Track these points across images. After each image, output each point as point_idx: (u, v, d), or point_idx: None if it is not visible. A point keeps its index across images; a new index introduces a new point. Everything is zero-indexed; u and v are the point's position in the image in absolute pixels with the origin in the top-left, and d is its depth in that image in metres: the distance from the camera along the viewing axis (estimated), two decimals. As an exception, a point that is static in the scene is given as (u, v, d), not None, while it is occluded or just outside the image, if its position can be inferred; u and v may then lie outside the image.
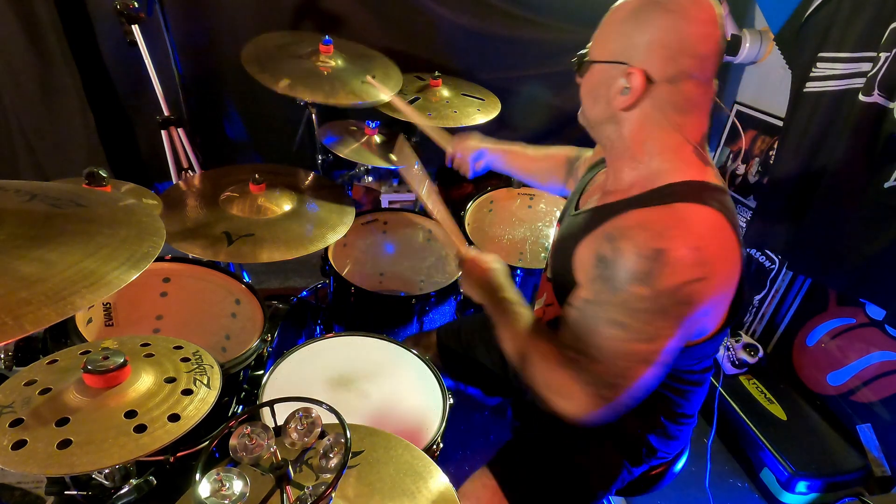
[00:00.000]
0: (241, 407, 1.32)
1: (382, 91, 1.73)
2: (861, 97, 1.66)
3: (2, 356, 1.15)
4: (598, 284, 0.88)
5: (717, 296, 0.86)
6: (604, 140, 1.03)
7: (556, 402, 0.91)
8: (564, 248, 1.02)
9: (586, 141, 1.15)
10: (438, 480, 0.86)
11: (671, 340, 0.84)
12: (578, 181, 1.26)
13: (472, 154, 1.52)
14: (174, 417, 0.84)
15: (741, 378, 2.17)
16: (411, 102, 1.93)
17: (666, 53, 0.87)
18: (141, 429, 0.81)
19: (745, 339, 2.27)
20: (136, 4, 1.70)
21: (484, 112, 2.01)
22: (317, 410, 0.78)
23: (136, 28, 1.74)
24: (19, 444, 0.77)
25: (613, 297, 0.85)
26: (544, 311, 1.20)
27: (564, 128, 2.55)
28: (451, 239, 1.28)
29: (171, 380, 0.91)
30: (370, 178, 2.22)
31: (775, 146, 2.19)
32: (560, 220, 1.20)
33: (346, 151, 1.92)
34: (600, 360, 0.86)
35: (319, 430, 0.77)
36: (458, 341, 1.49)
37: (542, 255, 2.02)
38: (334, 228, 1.54)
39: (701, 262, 0.81)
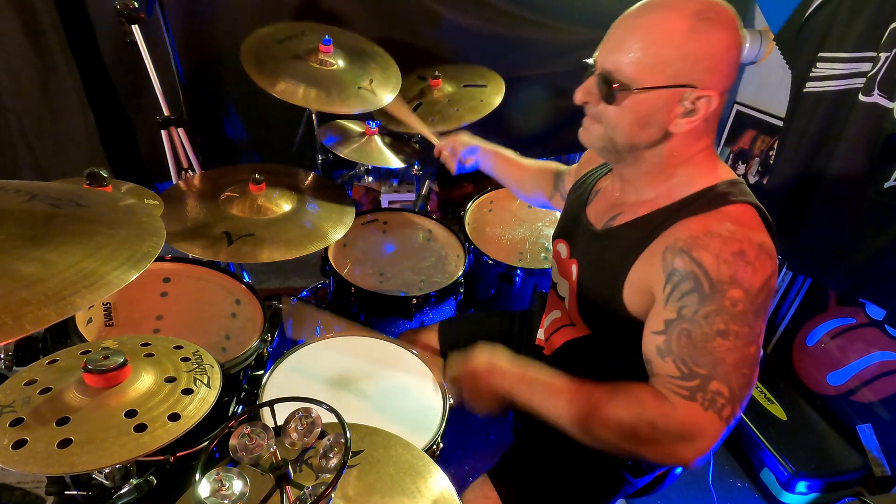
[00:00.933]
0: (241, 407, 1.32)
1: (380, 98, 1.72)
2: (861, 97, 1.66)
3: (2, 356, 1.15)
4: (683, 300, 0.84)
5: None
6: (628, 158, 0.97)
7: (679, 451, 0.85)
8: (603, 268, 0.99)
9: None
10: (438, 480, 0.86)
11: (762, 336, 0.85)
12: (572, 193, 1.24)
13: (464, 149, 1.51)
14: (174, 417, 0.84)
15: (741, 378, 2.17)
16: (414, 111, 1.93)
17: (727, 71, 0.87)
18: (141, 428, 0.81)
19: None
20: (136, 4, 1.70)
21: (487, 101, 2.01)
22: (317, 410, 0.78)
23: (135, 28, 1.74)
24: (20, 444, 0.77)
25: (711, 307, 0.81)
26: (558, 330, 1.17)
27: (564, 128, 2.55)
28: (433, 369, 1.14)
29: (171, 379, 0.91)
30: (370, 178, 2.22)
31: (775, 146, 2.19)
32: (565, 236, 1.16)
33: (346, 151, 1.92)
34: (724, 376, 0.81)
35: (319, 430, 0.77)
36: (460, 343, 1.48)
37: (542, 255, 2.02)
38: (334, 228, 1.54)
39: (770, 255, 0.83)
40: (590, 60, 0.93)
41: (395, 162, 1.98)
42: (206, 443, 0.91)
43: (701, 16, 0.84)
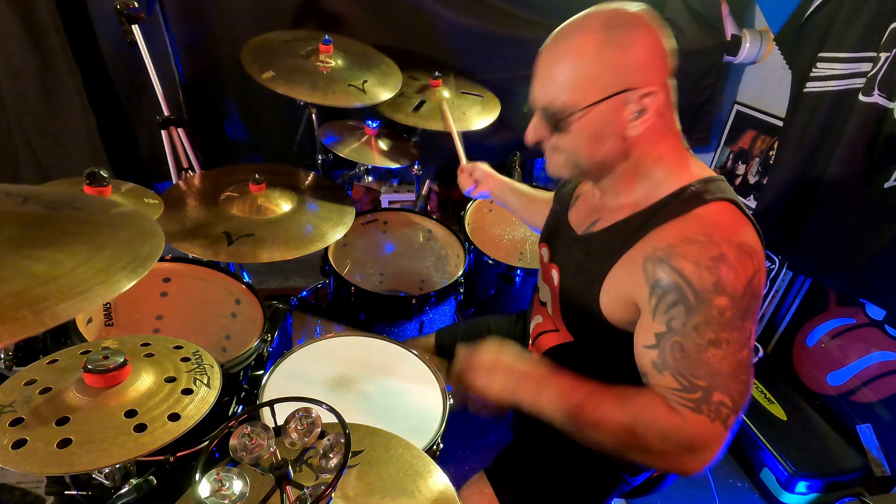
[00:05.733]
0: (241, 407, 1.32)
1: (370, 97, 1.74)
2: (861, 97, 1.66)
3: (2, 356, 1.15)
4: (670, 312, 0.84)
5: (765, 283, 0.86)
6: (604, 172, 0.98)
7: (686, 461, 0.84)
8: (583, 274, 0.99)
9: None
10: (438, 480, 0.86)
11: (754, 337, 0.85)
12: (556, 197, 1.23)
13: (482, 176, 1.54)
14: (174, 417, 0.84)
15: (741, 378, 2.17)
16: (416, 109, 1.93)
17: (659, 62, 0.89)
18: (141, 428, 0.81)
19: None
20: (136, 4, 1.70)
21: (486, 111, 2.01)
22: (317, 410, 0.78)
23: (136, 28, 1.74)
24: (19, 444, 0.77)
25: (698, 318, 0.81)
26: (541, 335, 1.17)
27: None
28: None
29: (171, 379, 0.91)
30: (370, 178, 2.22)
31: (775, 146, 2.19)
32: (548, 241, 1.16)
33: (346, 151, 1.92)
34: (724, 386, 0.81)
35: (319, 430, 0.77)
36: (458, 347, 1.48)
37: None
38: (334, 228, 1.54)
39: (750, 254, 0.82)
40: (529, 103, 0.96)
41: (394, 162, 1.98)
42: (206, 443, 0.91)
43: (608, 25, 0.87)
